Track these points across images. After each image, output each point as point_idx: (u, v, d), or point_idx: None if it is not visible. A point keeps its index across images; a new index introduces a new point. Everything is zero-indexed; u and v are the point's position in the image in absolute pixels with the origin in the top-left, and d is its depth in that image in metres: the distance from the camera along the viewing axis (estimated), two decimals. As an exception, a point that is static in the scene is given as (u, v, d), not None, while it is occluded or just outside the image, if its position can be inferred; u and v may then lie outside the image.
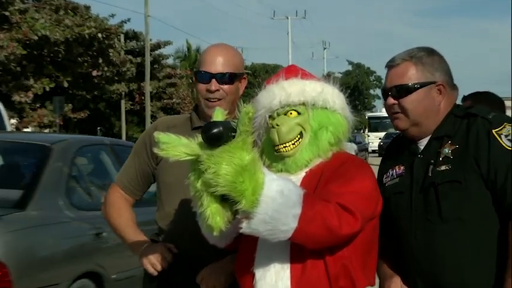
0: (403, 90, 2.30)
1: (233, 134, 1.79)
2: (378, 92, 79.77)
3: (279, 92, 2.14)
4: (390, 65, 2.36)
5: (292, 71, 2.21)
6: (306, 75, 2.21)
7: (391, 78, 2.34)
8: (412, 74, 2.30)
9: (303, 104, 2.14)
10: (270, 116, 2.16)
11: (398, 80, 2.31)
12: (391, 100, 2.32)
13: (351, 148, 26.38)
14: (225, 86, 2.58)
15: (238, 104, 1.84)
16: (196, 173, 1.84)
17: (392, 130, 35.49)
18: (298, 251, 1.99)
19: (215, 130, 1.76)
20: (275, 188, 1.82)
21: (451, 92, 2.35)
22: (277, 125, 2.11)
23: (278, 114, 2.15)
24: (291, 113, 2.14)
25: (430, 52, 2.35)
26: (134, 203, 2.81)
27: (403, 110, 2.31)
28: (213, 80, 2.57)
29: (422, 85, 2.30)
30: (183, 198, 2.49)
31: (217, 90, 2.58)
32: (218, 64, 2.59)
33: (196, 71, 2.63)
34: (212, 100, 2.58)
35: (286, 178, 1.95)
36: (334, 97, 2.17)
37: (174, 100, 32.19)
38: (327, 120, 2.14)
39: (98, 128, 31.31)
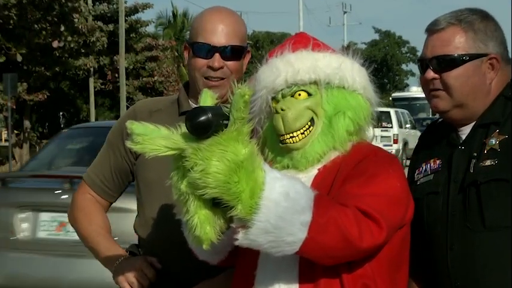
0: (447, 62, 2.31)
1: (225, 122, 1.79)
2: (412, 67, 79.72)
3: (285, 68, 2.14)
4: (432, 29, 2.35)
5: (301, 41, 2.21)
6: (318, 45, 2.21)
7: (432, 46, 2.34)
8: (460, 43, 2.31)
9: (315, 82, 2.14)
10: (273, 98, 2.16)
11: (442, 49, 2.32)
12: (430, 74, 2.33)
13: (416, 136, 25.64)
14: (230, 63, 2.59)
15: (232, 85, 1.84)
16: (180, 171, 1.84)
17: (423, 115, 35.26)
18: (308, 267, 2.00)
19: (202, 117, 1.76)
20: (279, 189, 1.82)
21: (505, 68, 2.36)
22: (282, 110, 2.12)
23: (283, 96, 2.15)
24: (299, 94, 2.14)
25: (484, 16, 2.35)
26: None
27: (446, 87, 2.31)
28: (216, 55, 2.58)
29: (472, 57, 2.30)
30: (168, 199, 2.46)
31: (221, 67, 2.58)
32: (222, 34, 2.58)
33: (193, 42, 2.62)
34: (214, 79, 2.59)
35: (293, 177, 1.95)
36: (354, 74, 2.17)
37: (155, 78, 32.20)
38: (344, 103, 2.14)
39: (61, 113, 31.37)
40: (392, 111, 26.31)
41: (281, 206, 1.82)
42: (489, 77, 2.32)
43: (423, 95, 2.49)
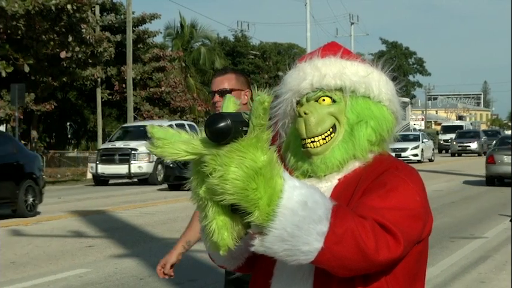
0: None
1: (245, 128, 1.78)
2: (419, 78, 79.75)
3: (311, 72, 2.14)
4: None
5: (330, 48, 2.22)
6: (348, 54, 2.21)
7: None
8: None
9: (340, 89, 2.14)
10: (298, 102, 2.16)
11: None
12: None
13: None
14: None
15: (251, 92, 1.85)
16: (200, 176, 1.83)
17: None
18: (324, 278, 1.99)
19: (222, 124, 1.75)
20: (297, 197, 1.81)
21: None
22: (306, 113, 2.11)
23: (308, 100, 2.14)
24: (323, 100, 2.13)
25: None
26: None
27: None
28: None
29: None
30: None
31: None
32: None
33: None
34: None
35: (313, 186, 1.92)
36: (380, 85, 2.16)
37: (163, 88, 32.31)
38: (368, 113, 2.13)
39: (68, 123, 31.43)
40: None
41: (298, 214, 1.80)
42: None
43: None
